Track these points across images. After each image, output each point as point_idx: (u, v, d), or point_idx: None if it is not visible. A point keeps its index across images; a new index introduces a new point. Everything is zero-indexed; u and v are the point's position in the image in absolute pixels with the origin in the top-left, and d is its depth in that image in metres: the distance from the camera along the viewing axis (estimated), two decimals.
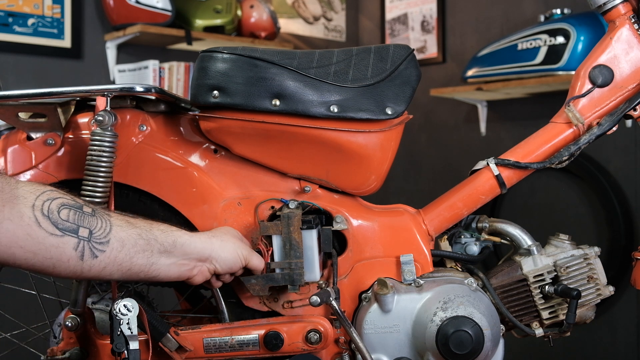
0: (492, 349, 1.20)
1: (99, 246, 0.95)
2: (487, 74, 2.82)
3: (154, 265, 1.01)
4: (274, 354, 1.21)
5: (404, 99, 1.21)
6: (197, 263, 1.08)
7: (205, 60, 1.20)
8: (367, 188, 1.27)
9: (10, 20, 2.72)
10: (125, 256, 0.97)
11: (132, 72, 2.92)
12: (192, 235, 1.08)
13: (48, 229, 0.90)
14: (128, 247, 0.98)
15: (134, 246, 0.98)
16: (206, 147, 1.28)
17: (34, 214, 0.89)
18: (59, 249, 0.91)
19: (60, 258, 0.91)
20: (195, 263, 1.08)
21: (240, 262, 1.13)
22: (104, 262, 0.95)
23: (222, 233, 1.14)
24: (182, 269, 1.06)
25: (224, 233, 1.14)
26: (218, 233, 1.13)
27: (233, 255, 1.11)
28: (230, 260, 1.11)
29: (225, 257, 1.10)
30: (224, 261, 1.10)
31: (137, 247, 0.99)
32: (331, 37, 3.78)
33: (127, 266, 0.98)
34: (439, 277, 1.25)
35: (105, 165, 1.13)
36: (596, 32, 2.49)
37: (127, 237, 0.98)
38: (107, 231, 0.96)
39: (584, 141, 1.26)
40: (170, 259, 1.04)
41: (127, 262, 0.98)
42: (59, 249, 0.91)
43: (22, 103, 1.15)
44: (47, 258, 0.90)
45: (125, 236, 0.98)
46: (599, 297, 1.31)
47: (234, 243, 1.13)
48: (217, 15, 3.02)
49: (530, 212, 2.94)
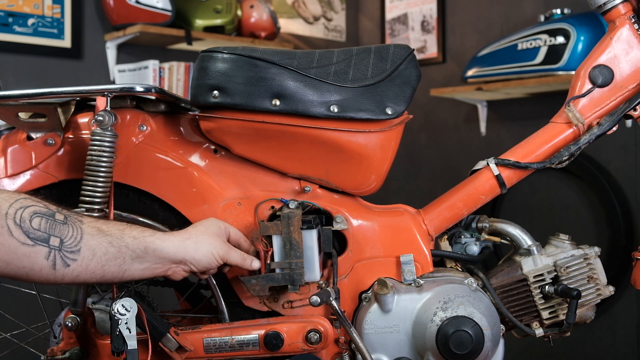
0: (492, 349, 1.20)
1: (70, 255, 0.95)
2: (487, 74, 2.82)
3: (127, 271, 1.02)
4: (274, 354, 1.21)
5: (404, 99, 1.21)
6: (171, 265, 1.07)
7: (205, 60, 1.20)
8: (367, 188, 1.27)
9: (10, 20, 2.72)
10: (96, 265, 0.98)
11: (132, 72, 2.92)
12: (165, 239, 1.06)
13: (20, 238, 0.90)
14: (99, 256, 0.98)
15: (104, 254, 0.98)
16: (206, 147, 1.28)
17: (7, 222, 0.89)
18: (30, 259, 0.91)
19: (32, 267, 0.92)
20: (169, 265, 1.07)
21: (216, 261, 1.11)
22: (76, 271, 0.96)
23: (198, 233, 1.11)
24: (155, 272, 1.06)
25: (200, 233, 1.11)
26: (194, 233, 1.11)
27: (207, 256, 1.10)
28: (204, 261, 1.10)
29: (200, 258, 1.09)
30: (199, 262, 1.09)
31: (109, 255, 0.99)
32: (331, 37, 3.78)
33: (100, 274, 0.99)
34: (439, 277, 1.25)
35: (105, 165, 1.13)
36: (596, 32, 2.49)
37: (98, 246, 0.98)
38: (78, 240, 0.96)
39: (584, 141, 1.26)
40: (143, 264, 1.04)
41: (99, 270, 0.98)
42: (30, 259, 0.91)
43: (22, 103, 1.15)
44: (20, 267, 0.91)
45: (95, 245, 0.97)
46: (599, 297, 1.31)
47: (210, 243, 1.11)
48: (217, 15, 3.02)
49: (530, 212, 2.94)
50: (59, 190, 1.24)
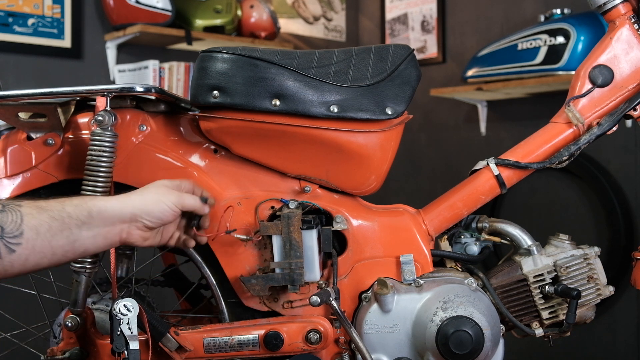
0: (492, 349, 1.20)
1: (14, 240, 0.92)
2: (487, 74, 2.82)
3: (76, 242, 0.98)
4: (274, 354, 1.21)
5: (404, 99, 1.21)
6: (122, 225, 1.03)
7: (205, 60, 1.20)
8: (367, 188, 1.27)
9: (10, 20, 2.72)
10: (43, 242, 0.94)
11: (132, 72, 2.92)
12: (108, 200, 1.03)
13: None
14: (43, 233, 0.95)
15: (48, 230, 0.95)
16: (206, 147, 1.28)
17: None
18: None
19: None
20: (121, 226, 1.03)
21: (170, 209, 1.06)
22: (23, 255, 0.93)
23: (144, 188, 1.09)
24: (108, 236, 1.01)
25: (146, 187, 1.09)
26: (139, 189, 1.09)
27: (158, 205, 1.05)
28: (157, 211, 1.05)
29: (150, 209, 1.04)
30: (150, 214, 1.04)
31: (53, 230, 0.96)
32: (331, 37, 3.78)
33: (50, 251, 0.95)
34: (439, 277, 1.25)
35: (105, 165, 1.13)
36: (596, 32, 2.49)
37: (40, 224, 0.95)
38: (19, 223, 0.93)
39: (584, 141, 1.26)
40: (92, 230, 0.99)
41: (47, 248, 0.95)
42: None
43: (22, 103, 1.15)
44: None
45: (37, 223, 0.95)
46: (599, 297, 1.31)
47: (157, 193, 1.07)
48: (217, 15, 3.02)
49: (530, 212, 2.94)
50: (59, 190, 1.24)
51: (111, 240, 1.03)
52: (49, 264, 0.97)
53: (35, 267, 0.95)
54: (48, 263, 0.96)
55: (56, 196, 1.10)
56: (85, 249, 1.00)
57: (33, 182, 1.22)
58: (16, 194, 1.21)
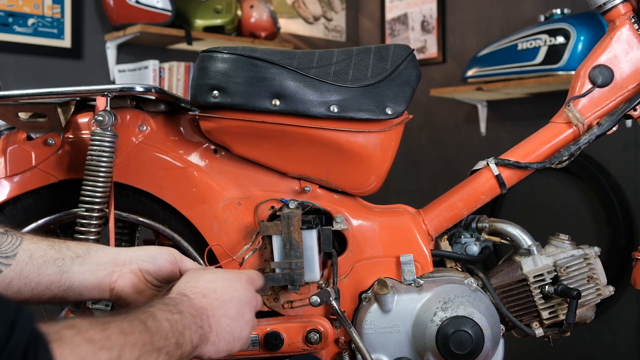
0: (492, 349, 1.20)
1: (5, 260, 0.89)
2: (487, 74, 2.82)
3: (65, 274, 0.92)
4: (274, 354, 1.21)
5: (404, 99, 1.21)
6: (115, 268, 0.95)
7: (205, 60, 1.20)
8: (367, 188, 1.27)
9: (10, 20, 2.72)
10: (31, 268, 0.90)
11: (132, 72, 2.92)
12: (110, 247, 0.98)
13: None
14: (36, 258, 0.91)
15: (42, 256, 0.91)
16: (206, 147, 1.28)
17: None
18: None
19: None
20: (113, 268, 0.95)
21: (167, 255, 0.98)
22: (9, 277, 0.89)
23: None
24: (97, 274, 0.94)
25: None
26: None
27: (156, 251, 0.98)
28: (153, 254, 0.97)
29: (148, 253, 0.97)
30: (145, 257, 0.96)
31: (47, 257, 0.92)
32: (331, 37, 3.78)
33: (36, 279, 0.90)
34: (439, 277, 1.25)
35: (105, 165, 1.13)
36: (596, 32, 2.49)
37: (37, 249, 0.91)
38: (16, 245, 0.90)
39: (584, 141, 1.26)
40: (84, 266, 0.93)
41: (34, 275, 0.90)
42: None
43: (22, 103, 1.15)
44: None
45: (34, 248, 0.91)
46: (599, 297, 1.31)
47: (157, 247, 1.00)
48: (217, 15, 3.02)
49: (530, 212, 2.94)
50: (59, 190, 1.24)
51: (100, 280, 0.94)
52: (31, 294, 0.91)
53: (16, 294, 0.90)
54: (30, 293, 0.91)
55: (55, 197, 1.10)
56: (71, 284, 0.93)
57: (33, 182, 1.22)
58: (16, 194, 1.21)
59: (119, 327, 0.70)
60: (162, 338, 0.74)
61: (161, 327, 0.75)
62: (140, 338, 0.71)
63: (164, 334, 0.74)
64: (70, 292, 0.93)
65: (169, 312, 0.77)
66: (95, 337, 0.66)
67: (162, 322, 0.75)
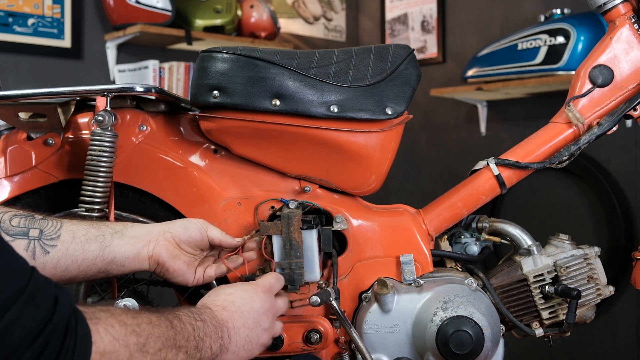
0: (492, 349, 1.20)
1: (50, 242, 0.96)
2: (487, 74, 2.82)
3: (107, 248, 1.01)
4: (274, 354, 1.21)
5: (404, 99, 1.21)
6: (152, 238, 1.05)
7: (205, 60, 1.20)
8: (367, 188, 1.27)
9: (10, 20, 2.72)
10: (76, 246, 0.98)
11: (132, 72, 2.92)
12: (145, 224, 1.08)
13: None
14: (79, 237, 0.98)
15: (84, 235, 0.99)
16: (206, 147, 1.28)
17: None
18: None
19: None
20: (149, 238, 1.05)
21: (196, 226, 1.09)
22: (56, 256, 0.96)
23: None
24: (136, 245, 1.03)
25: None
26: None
27: (185, 222, 1.09)
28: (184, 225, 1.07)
29: (179, 224, 1.08)
30: (177, 227, 1.07)
31: (89, 235, 0.99)
32: (331, 37, 3.78)
33: (81, 256, 0.98)
34: (439, 277, 1.25)
35: (105, 165, 1.13)
36: (596, 32, 2.49)
37: (78, 228, 0.99)
38: (58, 227, 0.98)
39: (584, 141, 1.26)
40: (123, 239, 1.02)
41: (79, 252, 0.98)
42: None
43: (22, 103, 1.15)
44: None
45: (75, 228, 0.99)
46: (599, 297, 1.31)
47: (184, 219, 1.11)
48: (217, 15, 3.02)
49: (530, 212, 2.94)
50: (59, 190, 1.24)
51: (139, 250, 1.04)
52: (78, 270, 0.99)
53: (64, 272, 0.97)
54: (77, 269, 0.98)
55: (55, 197, 1.11)
56: (114, 257, 1.01)
57: (33, 182, 1.22)
58: (16, 194, 1.21)
59: (148, 318, 0.78)
60: (184, 338, 0.82)
61: (184, 328, 0.83)
62: (165, 332, 0.79)
63: (186, 335, 0.83)
64: (113, 265, 1.02)
65: (193, 319, 0.86)
66: (128, 322, 0.75)
67: (186, 325, 0.84)
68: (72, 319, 0.67)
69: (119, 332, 0.72)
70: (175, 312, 0.86)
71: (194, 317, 0.87)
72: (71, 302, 0.68)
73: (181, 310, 0.87)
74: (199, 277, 1.10)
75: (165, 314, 0.83)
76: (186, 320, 0.85)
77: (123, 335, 0.73)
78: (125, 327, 0.74)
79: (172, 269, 1.06)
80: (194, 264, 1.10)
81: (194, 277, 1.09)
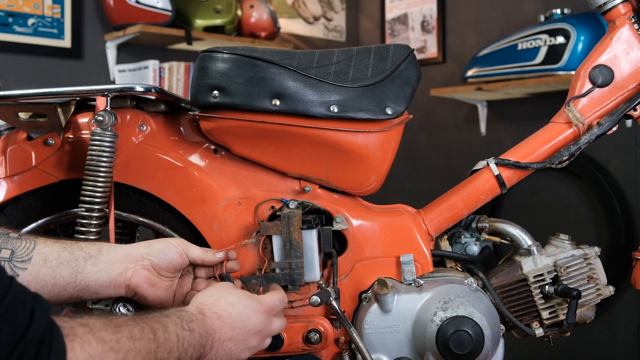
0: (492, 349, 1.20)
1: (20, 264, 0.92)
2: (487, 74, 2.82)
3: (79, 274, 0.96)
4: (274, 354, 1.21)
5: (404, 99, 1.21)
6: (128, 264, 1.00)
7: (205, 60, 1.20)
8: (367, 188, 1.27)
9: (10, 20, 2.72)
10: (47, 271, 0.94)
11: (132, 72, 2.92)
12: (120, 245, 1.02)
13: None
14: (50, 261, 0.95)
15: (56, 259, 0.95)
16: (206, 147, 1.28)
17: None
18: None
19: None
20: (126, 265, 1.00)
21: (176, 248, 1.03)
22: (25, 280, 0.92)
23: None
24: (112, 272, 0.98)
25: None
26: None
27: (165, 244, 1.03)
28: (163, 248, 1.02)
29: (157, 249, 1.02)
30: (156, 253, 1.02)
31: (61, 259, 0.95)
32: (331, 37, 3.78)
33: (52, 281, 0.94)
34: (439, 277, 1.25)
35: (105, 165, 1.13)
36: (596, 32, 2.49)
37: (50, 252, 0.95)
38: (30, 249, 0.94)
39: (584, 141, 1.26)
40: (97, 266, 0.98)
41: (50, 277, 0.94)
42: None
43: (22, 103, 1.15)
44: None
45: (48, 251, 0.95)
46: (599, 297, 1.31)
47: (164, 241, 1.06)
48: (217, 15, 3.02)
49: (530, 212, 2.94)
50: (59, 190, 1.24)
51: (114, 278, 0.99)
52: (48, 296, 0.95)
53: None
54: (47, 294, 0.94)
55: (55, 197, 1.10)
56: (87, 284, 0.97)
57: (33, 182, 1.22)
58: (16, 193, 1.21)
59: (129, 332, 0.75)
60: (166, 351, 0.80)
61: (169, 339, 0.80)
62: (147, 346, 0.77)
63: (169, 347, 0.80)
64: (86, 292, 0.98)
65: (180, 327, 0.84)
66: (106, 338, 0.72)
67: (171, 335, 0.81)
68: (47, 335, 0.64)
69: (95, 349, 0.70)
70: (163, 320, 0.83)
71: (181, 326, 0.84)
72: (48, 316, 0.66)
73: (170, 316, 0.85)
74: (178, 300, 1.06)
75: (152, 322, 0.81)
76: (172, 330, 0.82)
77: (100, 353, 0.70)
78: (104, 344, 0.71)
79: (151, 298, 1.02)
80: (173, 287, 1.06)
81: (173, 302, 1.05)
